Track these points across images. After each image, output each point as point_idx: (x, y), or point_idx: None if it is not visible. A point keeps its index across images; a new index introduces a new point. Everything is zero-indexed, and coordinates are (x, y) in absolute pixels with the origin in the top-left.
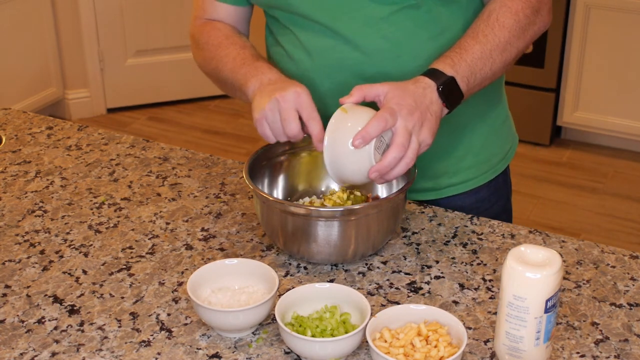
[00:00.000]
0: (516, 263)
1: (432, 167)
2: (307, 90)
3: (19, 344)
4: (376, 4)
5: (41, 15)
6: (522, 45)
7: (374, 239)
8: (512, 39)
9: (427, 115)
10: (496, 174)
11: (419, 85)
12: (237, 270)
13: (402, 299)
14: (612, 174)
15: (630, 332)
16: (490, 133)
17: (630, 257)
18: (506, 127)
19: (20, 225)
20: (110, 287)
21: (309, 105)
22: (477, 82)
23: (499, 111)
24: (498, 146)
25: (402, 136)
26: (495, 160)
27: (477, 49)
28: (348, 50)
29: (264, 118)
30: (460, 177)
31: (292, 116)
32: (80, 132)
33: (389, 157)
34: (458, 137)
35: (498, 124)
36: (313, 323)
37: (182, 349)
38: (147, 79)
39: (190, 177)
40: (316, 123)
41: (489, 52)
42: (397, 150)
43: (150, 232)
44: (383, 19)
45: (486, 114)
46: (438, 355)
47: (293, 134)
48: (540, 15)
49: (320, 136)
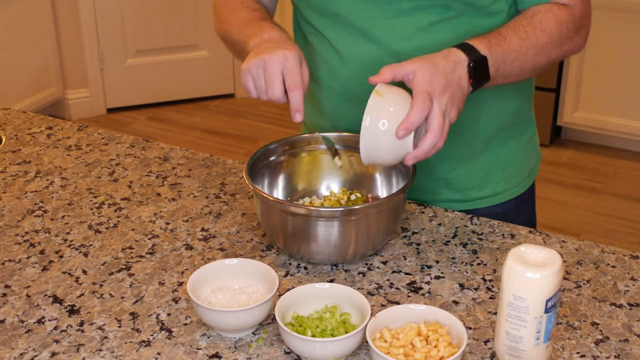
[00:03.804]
0: (516, 263)
1: (461, 180)
2: (295, 54)
3: (18, 344)
4: (416, 14)
5: (41, 15)
6: (555, 56)
7: (374, 239)
8: (549, 45)
9: (457, 94)
10: (524, 188)
11: (450, 60)
12: (237, 270)
13: (402, 299)
14: (612, 174)
15: (630, 332)
16: (519, 149)
17: (630, 257)
18: (533, 143)
19: (20, 225)
20: (110, 287)
21: (293, 72)
22: (505, 73)
23: (528, 127)
24: (525, 161)
25: (439, 122)
26: (523, 175)
27: (515, 41)
28: (382, 57)
29: (248, 72)
30: (489, 190)
31: (275, 79)
32: (80, 132)
33: (427, 144)
34: (487, 151)
35: (526, 139)
36: (313, 323)
37: (182, 349)
38: (147, 79)
39: (190, 177)
40: (297, 92)
41: (525, 49)
42: (434, 137)
43: (150, 232)
44: (421, 29)
45: (515, 129)
46: (438, 355)
47: (275, 98)
48: (579, 35)
49: (298, 107)
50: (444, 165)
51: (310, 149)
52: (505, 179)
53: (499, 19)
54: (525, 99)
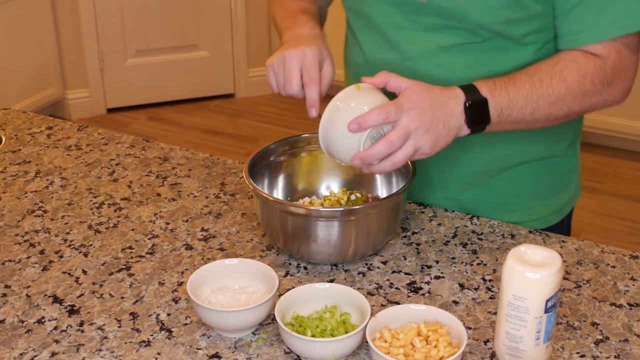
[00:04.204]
0: (516, 263)
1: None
2: (315, 50)
3: (18, 344)
4: (442, 32)
5: (41, 15)
6: (577, 109)
7: (374, 239)
8: (567, 97)
9: (437, 125)
10: (547, 224)
11: (445, 93)
12: (237, 270)
13: (402, 299)
14: (612, 174)
15: (630, 332)
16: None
17: (630, 257)
18: (566, 182)
19: (20, 225)
20: (110, 287)
21: (310, 68)
22: (512, 119)
23: (560, 164)
24: (550, 198)
25: (397, 134)
26: (547, 211)
27: (527, 87)
28: (401, 66)
29: (270, 68)
30: (503, 218)
31: (293, 75)
32: (80, 132)
33: (375, 149)
34: (501, 181)
35: (556, 177)
36: (313, 323)
37: (182, 349)
38: (147, 79)
39: (190, 177)
40: (313, 88)
41: (536, 97)
42: (384, 145)
43: (150, 232)
44: (445, 49)
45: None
46: (438, 355)
47: (292, 93)
48: (611, 89)
49: (313, 102)
50: (454, 187)
51: (310, 149)
52: (523, 210)
53: (529, 49)
54: (552, 140)
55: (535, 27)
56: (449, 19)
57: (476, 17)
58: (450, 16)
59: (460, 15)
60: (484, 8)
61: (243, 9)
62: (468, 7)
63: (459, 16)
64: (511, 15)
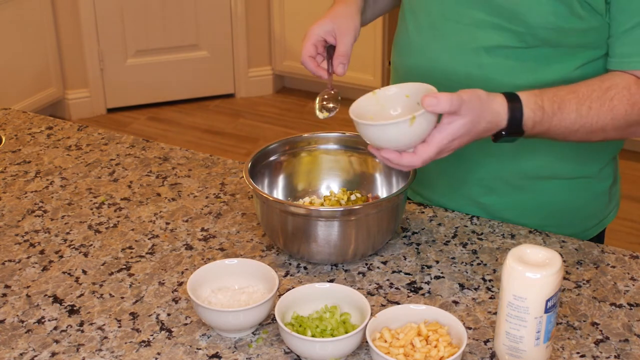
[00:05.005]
0: (516, 263)
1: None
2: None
3: (18, 344)
4: (487, 31)
5: (41, 15)
6: (614, 136)
7: (374, 239)
8: (609, 127)
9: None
10: (595, 232)
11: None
12: (237, 270)
13: (402, 299)
14: None
15: (630, 332)
16: (571, 201)
17: (630, 257)
18: (599, 201)
19: (20, 225)
20: (110, 287)
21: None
22: (543, 137)
23: (593, 184)
24: (578, 215)
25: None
26: (574, 229)
27: (572, 118)
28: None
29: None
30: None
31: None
32: (80, 132)
33: (406, 161)
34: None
35: (589, 195)
36: (313, 323)
37: (182, 349)
38: (147, 79)
39: (190, 177)
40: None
41: (578, 126)
42: (418, 161)
43: (150, 232)
44: (487, 50)
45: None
46: (438, 355)
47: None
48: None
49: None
50: (475, 189)
51: (310, 149)
52: (545, 223)
53: (572, 64)
54: (584, 160)
55: (585, 42)
56: (498, 17)
57: (526, 17)
58: (501, 13)
59: (511, 14)
60: (536, 10)
61: (243, 9)
62: (520, 6)
63: (509, 14)
64: (562, 24)
